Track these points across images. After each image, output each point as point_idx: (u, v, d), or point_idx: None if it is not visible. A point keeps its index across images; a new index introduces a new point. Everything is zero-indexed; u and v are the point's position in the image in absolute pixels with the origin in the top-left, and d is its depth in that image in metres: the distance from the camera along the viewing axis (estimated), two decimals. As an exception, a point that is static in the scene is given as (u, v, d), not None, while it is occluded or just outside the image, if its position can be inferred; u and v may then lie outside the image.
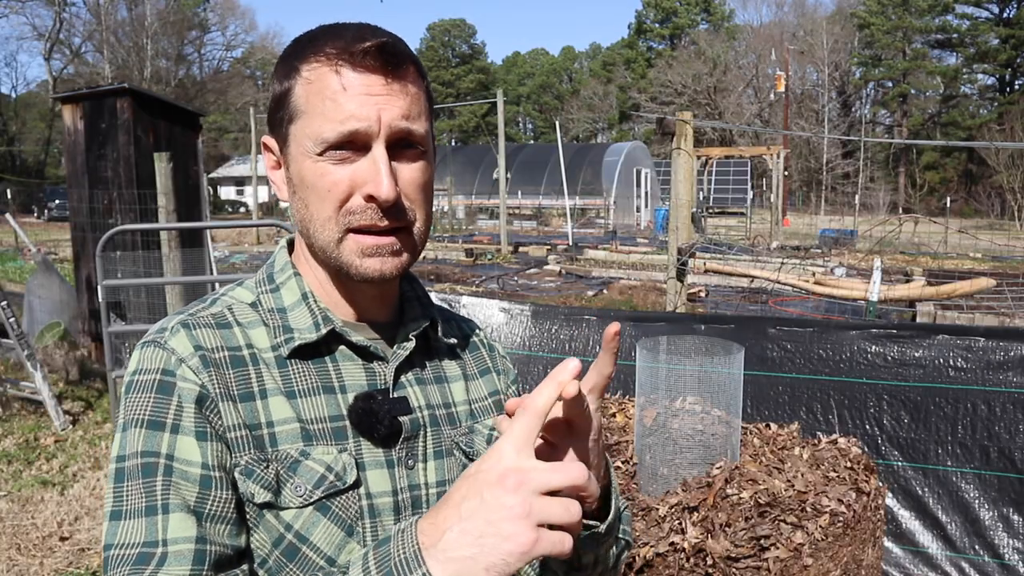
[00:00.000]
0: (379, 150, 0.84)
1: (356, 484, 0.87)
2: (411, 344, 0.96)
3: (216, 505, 0.80)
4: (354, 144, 0.84)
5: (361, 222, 0.86)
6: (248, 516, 0.84)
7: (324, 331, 0.90)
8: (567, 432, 0.79)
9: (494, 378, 1.08)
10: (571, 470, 0.66)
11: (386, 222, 0.86)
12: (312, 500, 0.85)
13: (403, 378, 0.95)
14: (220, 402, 0.83)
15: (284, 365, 0.89)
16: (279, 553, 0.84)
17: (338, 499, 0.86)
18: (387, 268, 0.88)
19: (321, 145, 0.84)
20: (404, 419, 0.91)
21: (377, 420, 0.89)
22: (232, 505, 0.82)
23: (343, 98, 0.83)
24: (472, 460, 0.97)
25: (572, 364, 0.69)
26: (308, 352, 0.90)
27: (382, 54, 0.83)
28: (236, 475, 0.83)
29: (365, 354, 0.93)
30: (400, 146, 0.86)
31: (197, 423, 0.82)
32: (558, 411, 0.76)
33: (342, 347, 0.92)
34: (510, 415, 0.76)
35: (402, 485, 0.91)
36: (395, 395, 0.93)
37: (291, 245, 1.00)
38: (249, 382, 0.86)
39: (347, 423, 0.89)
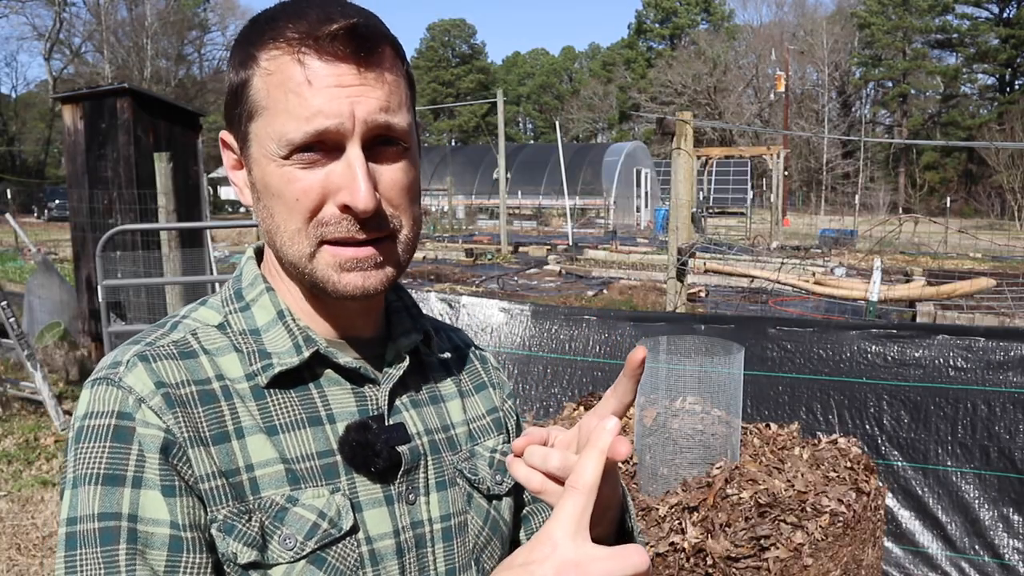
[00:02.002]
0: (354, 151, 0.73)
1: (354, 529, 0.76)
2: (405, 363, 0.85)
3: (189, 572, 0.69)
4: (324, 145, 0.73)
5: (336, 234, 0.74)
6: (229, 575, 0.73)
7: (307, 354, 0.78)
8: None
9: (491, 393, 0.98)
10: (631, 556, 0.57)
11: (364, 234, 0.75)
12: (304, 553, 0.73)
13: (397, 401, 0.84)
14: (189, 448, 0.71)
15: (262, 396, 0.77)
16: None
17: (334, 548, 0.75)
18: (370, 283, 0.76)
19: (286, 147, 0.72)
20: (403, 448, 0.81)
21: (374, 453, 0.78)
22: (208, 570, 0.70)
23: (308, 92, 0.71)
24: (476, 488, 0.89)
25: (611, 424, 0.62)
26: (289, 379, 0.78)
27: (353, 38, 0.71)
28: (213, 532, 0.71)
29: (354, 377, 0.82)
30: (378, 143, 0.75)
31: (163, 475, 0.69)
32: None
33: (327, 370, 0.81)
34: (518, 455, 0.71)
35: (404, 524, 0.81)
36: (391, 421, 0.82)
37: (259, 253, 0.87)
38: (223, 420, 0.74)
39: (338, 458, 0.78)
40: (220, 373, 0.77)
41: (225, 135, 0.82)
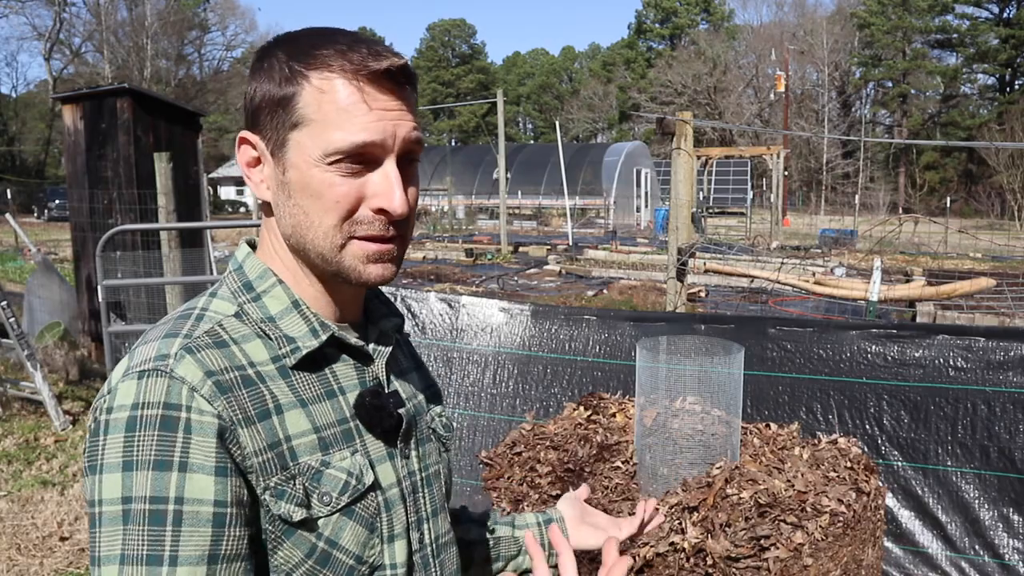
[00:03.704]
0: (391, 165, 0.87)
1: (375, 485, 0.91)
2: (393, 341, 1.01)
3: (231, 544, 0.79)
4: (364, 157, 0.86)
5: (369, 232, 0.88)
6: (271, 535, 0.84)
7: (324, 337, 0.91)
8: None
9: (427, 370, 1.17)
10: None
11: (393, 232, 0.89)
12: (339, 507, 0.87)
13: (389, 374, 1.00)
14: (240, 428, 0.82)
15: (287, 375, 0.89)
16: (312, 562, 0.86)
17: (361, 501, 0.90)
18: (387, 273, 0.91)
19: (334, 156, 0.85)
20: (402, 411, 0.96)
21: (388, 414, 0.93)
22: (246, 542, 0.81)
23: (361, 112, 0.85)
24: (443, 443, 1.08)
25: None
26: (306, 359, 0.90)
27: (402, 74, 0.87)
28: (267, 498, 0.83)
29: (356, 354, 0.96)
30: (405, 160, 0.89)
31: (218, 458, 0.79)
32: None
33: (334, 350, 0.94)
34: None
35: (403, 474, 0.97)
36: (389, 390, 0.98)
37: (251, 247, 0.98)
38: (263, 400, 0.85)
39: (352, 424, 0.91)
40: (251, 360, 0.87)
41: (247, 135, 0.91)
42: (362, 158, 0.86)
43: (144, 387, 0.79)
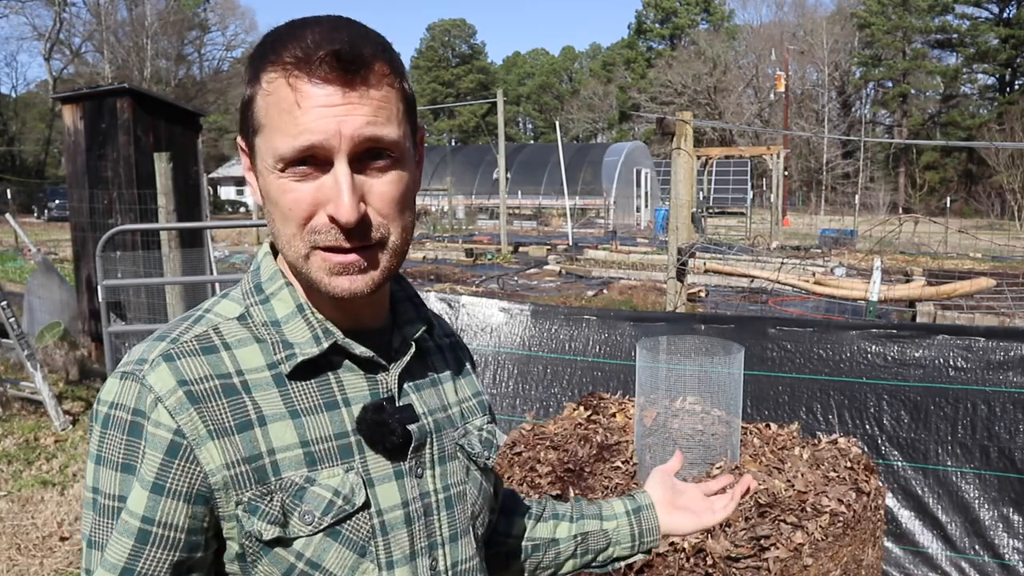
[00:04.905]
0: (341, 167, 0.78)
1: (366, 505, 0.85)
2: (412, 350, 0.93)
3: (149, 564, 0.79)
4: (315, 159, 0.79)
5: (326, 242, 0.80)
6: (248, 549, 0.82)
7: (326, 345, 0.86)
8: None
9: (474, 379, 1.08)
10: None
11: (349, 243, 0.81)
12: (322, 527, 0.82)
13: (405, 385, 0.92)
14: (210, 441, 0.79)
15: (283, 383, 0.84)
16: None
17: (348, 522, 0.84)
18: (356, 287, 0.82)
19: (280, 162, 0.79)
20: (412, 427, 0.89)
21: (389, 431, 0.86)
22: (167, 566, 0.79)
23: (298, 112, 0.77)
24: (474, 461, 0.98)
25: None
26: (308, 366, 0.85)
27: (339, 61, 0.77)
28: (239, 513, 0.80)
29: (366, 364, 0.89)
30: (368, 157, 0.80)
31: (159, 475, 0.78)
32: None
33: (342, 359, 0.88)
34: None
35: (413, 495, 0.89)
36: (400, 403, 0.90)
37: (274, 248, 0.93)
38: (246, 410, 0.81)
39: (352, 439, 0.86)
40: (240, 368, 0.84)
41: (239, 141, 0.89)
42: (312, 160, 0.79)
43: (120, 389, 0.81)
